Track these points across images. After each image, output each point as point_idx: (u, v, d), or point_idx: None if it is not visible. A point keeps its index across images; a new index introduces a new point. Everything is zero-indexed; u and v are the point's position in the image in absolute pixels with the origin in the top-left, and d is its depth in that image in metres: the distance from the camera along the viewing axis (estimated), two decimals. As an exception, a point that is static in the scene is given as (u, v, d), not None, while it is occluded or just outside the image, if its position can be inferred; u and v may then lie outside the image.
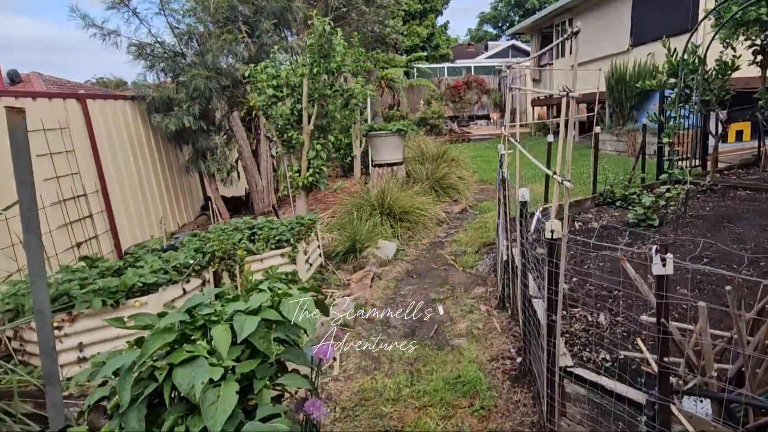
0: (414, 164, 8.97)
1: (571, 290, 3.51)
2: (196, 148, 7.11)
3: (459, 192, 7.66)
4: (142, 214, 6.60)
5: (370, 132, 7.43)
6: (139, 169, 6.63)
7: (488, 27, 48.53)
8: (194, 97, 6.75)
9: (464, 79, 27.63)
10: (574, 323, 3.04)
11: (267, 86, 5.74)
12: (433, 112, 21.48)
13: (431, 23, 29.10)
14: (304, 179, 6.09)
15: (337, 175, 11.62)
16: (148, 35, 6.64)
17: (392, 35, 16.18)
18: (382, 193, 6.24)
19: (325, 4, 11.61)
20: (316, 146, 6.12)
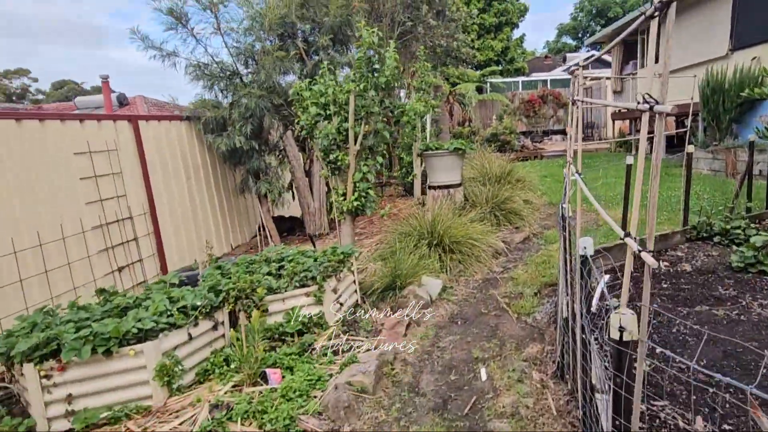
0: (474, 185, 8.35)
1: (653, 371, 2.79)
2: (247, 168, 6.97)
3: (522, 218, 6.95)
4: (193, 236, 6.52)
5: (425, 151, 6.94)
6: (191, 189, 6.58)
7: (567, 39, 46.54)
8: (246, 117, 6.62)
9: (539, 93, 26.42)
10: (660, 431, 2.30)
11: (311, 104, 5.44)
12: (505, 128, 20.61)
13: (506, 37, 28.22)
14: (349, 204, 5.70)
15: (398, 194, 11.23)
16: (205, 55, 6.61)
17: (463, 49, 15.64)
18: (432, 220, 5.72)
19: (391, 20, 11.35)
20: (362, 168, 5.73)
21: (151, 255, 5.70)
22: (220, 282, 3.52)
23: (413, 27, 11.56)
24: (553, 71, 30.69)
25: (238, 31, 6.72)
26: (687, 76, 9.57)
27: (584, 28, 43.76)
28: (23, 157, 4.17)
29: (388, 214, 6.39)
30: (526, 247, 6.30)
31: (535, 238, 6.70)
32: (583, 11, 42.28)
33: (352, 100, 5.51)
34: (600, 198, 8.59)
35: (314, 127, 5.55)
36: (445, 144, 6.86)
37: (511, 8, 28.11)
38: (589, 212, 7.92)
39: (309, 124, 5.50)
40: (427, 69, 10.30)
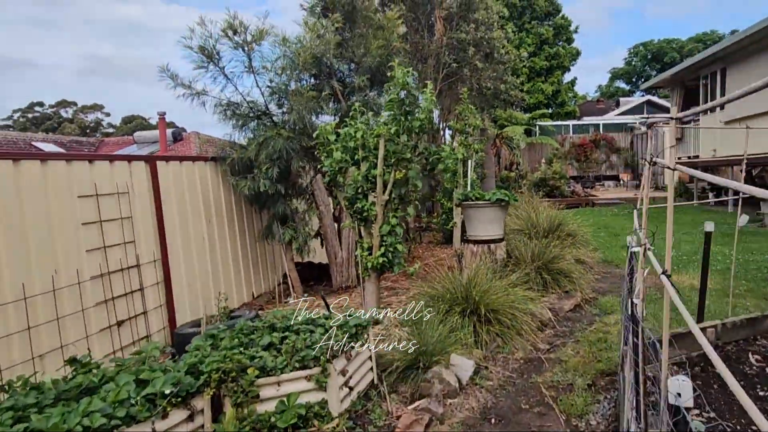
0: (519, 238, 7.59)
1: None
2: (272, 213, 6.54)
3: (573, 281, 6.12)
4: (210, 284, 6.08)
5: (463, 202, 6.30)
6: (211, 234, 6.19)
7: (620, 83, 45.36)
8: (273, 159, 6.24)
9: (591, 137, 25.41)
10: None
11: (336, 149, 4.97)
12: (554, 173, 19.72)
13: (557, 80, 27.60)
14: (375, 260, 5.11)
15: (437, 241, 10.56)
16: (235, 93, 6.33)
17: (512, 92, 15.10)
18: (468, 283, 5.02)
19: (436, 61, 10.99)
20: (390, 220, 5.16)
21: (158, 306, 5.27)
22: (204, 359, 2.96)
23: (459, 69, 11.14)
24: (606, 115, 29.65)
25: (272, 70, 6.43)
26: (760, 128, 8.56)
27: (638, 72, 42.55)
28: (16, 202, 3.85)
29: (417, 272, 5.73)
30: (577, 317, 5.46)
31: (587, 305, 5.85)
32: (637, 56, 41.18)
33: (382, 145, 5.00)
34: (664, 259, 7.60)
35: (339, 173, 5.05)
36: (486, 194, 6.21)
37: (563, 52, 27.57)
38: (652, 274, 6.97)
39: (333, 169, 5.01)
40: (472, 111, 9.80)
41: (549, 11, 27.75)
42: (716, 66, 13.66)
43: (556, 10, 28.10)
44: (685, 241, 8.81)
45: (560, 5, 28.20)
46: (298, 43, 6.62)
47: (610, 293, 6.27)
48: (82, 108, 62.56)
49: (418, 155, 5.34)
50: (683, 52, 36.12)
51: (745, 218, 4.59)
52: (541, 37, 27.03)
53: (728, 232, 9.27)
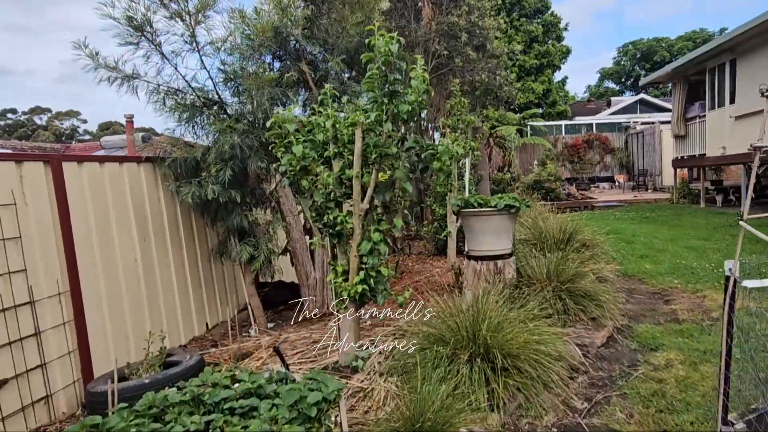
0: (527, 251, 6.41)
1: None
2: (227, 226, 5.28)
3: (600, 304, 4.93)
4: (145, 319, 4.80)
5: (464, 209, 5.10)
6: (148, 256, 4.91)
7: (609, 83, 44.74)
8: (225, 159, 4.99)
9: (585, 138, 24.47)
10: None
11: (297, 141, 3.73)
12: (549, 174, 18.65)
13: (548, 79, 26.67)
14: (352, 288, 3.88)
15: (429, 252, 9.36)
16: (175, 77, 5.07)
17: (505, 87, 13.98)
18: (475, 317, 3.81)
19: (425, 50, 9.82)
20: (372, 235, 3.93)
21: (66, 354, 3.97)
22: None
23: (449, 59, 9.98)
24: (598, 115, 28.80)
25: (223, 49, 5.18)
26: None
27: (627, 72, 41.93)
28: None
29: (407, 300, 4.50)
30: (614, 354, 4.27)
31: (621, 336, 4.67)
32: (626, 55, 40.56)
33: (359, 137, 3.78)
34: (693, 271, 6.48)
35: (301, 174, 3.82)
36: (491, 199, 5.01)
37: (553, 50, 26.68)
38: (686, 291, 5.85)
39: (293, 169, 3.77)
40: (465, 105, 8.63)
41: (538, 8, 26.87)
42: (724, 57, 12.69)
43: (545, 7, 27.23)
44: (709, 249, 7.71)
45: (549, 2, 27.33)
46: (256, 17, 5.39)
47: (644, 318, 5.11)
48: (56, 115, 60.46)
49: (407, 150, 4.13)
50: (673, 51, 35.55)
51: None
52: (531, 34, 26.10)
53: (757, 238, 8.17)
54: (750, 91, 11.60)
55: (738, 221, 2.65)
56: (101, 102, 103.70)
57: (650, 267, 6.89)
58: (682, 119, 15.13)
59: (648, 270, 6.76)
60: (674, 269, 6.67)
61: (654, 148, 20.60)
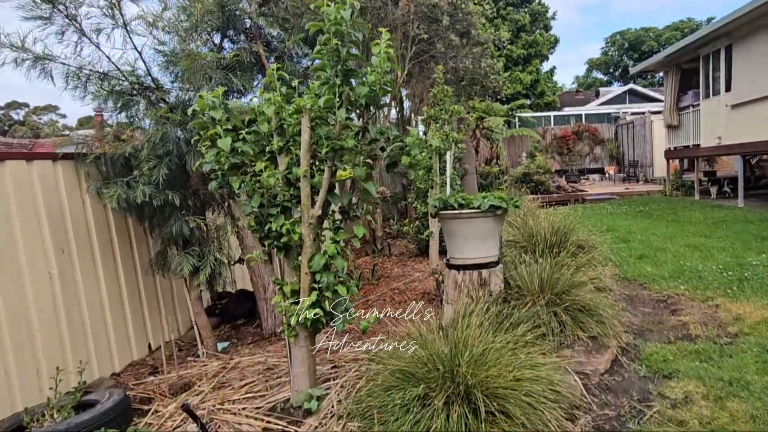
0: (515, 254, 5.72)
1: None
2: (164, 234, 4.50)
3: (602, 320, 4.24)
4: (66, 347, 4.03)
5: (442, 211, 4.36)
6: (68, 271, 4.14)
7: (597, 73, 44.25)
8: (160, 155, 4.21)
9: (573, 129, 23.85)
10: None
11: (223, 131, 2.96)
12: (538, 167, 18.02)
13: (535, 69, 26.01)
14: (302, 312, 3.14)
15: (410, 253, 8.64)
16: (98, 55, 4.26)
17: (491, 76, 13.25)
18: (454, 348, 3.09)
19: (403, 34, 9.04)
20: (327, 247, 3.19)
21: (-55, 400, 3.19)
22: None
23: (430, 44, 9.22)
24: (587, 106, 28.23)
25: (159, 25, 4.38)
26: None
27: (615, 63, 41.45)
28: None
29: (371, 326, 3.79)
30: (621, 385, 3.58)
31: (626, 357, 3.99)
32: (614, 45, 40.04)
33: (306, 126, 3.03)
34: (700, 275, 5.83)
35: (231, 173, 3.06)
36: (474, 199, 4.28)
37: (541, 40, 26.02)
38: (694, 299, 5.19)
39: (220, 167, 3.01)
40: (448, 94, 7.89)
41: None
42: (720, 43, 12.07)
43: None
44: (713, 247, 7.08)
45: (536, -10, 26.66)
46: (199, -13, 4.59)
47: (651, 334, 4.43)
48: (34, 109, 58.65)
49: (370, 143, 3.38)
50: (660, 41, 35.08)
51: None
52: (518, 24, 25.40)
53: (764, 234, 7.58)
54: (747, 78, 11.00)
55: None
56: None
57: (651, 270, 6.23)
58: (674, 108, 14.53)
59: (649, 273, 6.10)
60: (678, 272, 6.01)
61: (644, 138, 20.06)
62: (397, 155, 3.47)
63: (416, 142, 3.31)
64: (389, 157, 3.39)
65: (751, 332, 4.15)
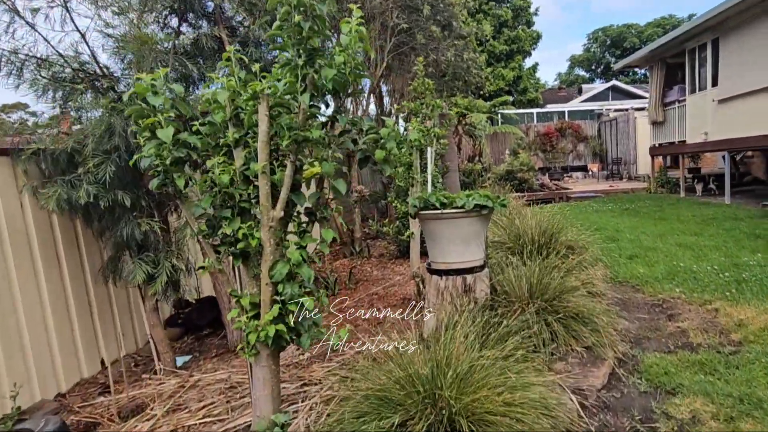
0: (502, 255, 5.39)
1: None
2: (114, 238, 4.03)
3: (596, 328, 3.90)
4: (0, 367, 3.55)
5: (422, 211, 3.98)
6: (4, 280, 3.64)
7: (580, 70, 44.36)
8: (108, 150, 3.75)
9: (557, 126, 23.70)
10: None
11: (166, 120, 2.53)
12: (522, 164, 17.78)
13: (518, 65, 25.80)
14: (263, 328, 2.74)
15: (390, 254, 8.26)
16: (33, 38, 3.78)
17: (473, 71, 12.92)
18: (434, 367, 2.71)
19: (382, 24, 8.64)
20: (291, 253, 2.78)
21: None
22: None
23: (410, 35, 8.83)
24: (570, 102, 28.15)
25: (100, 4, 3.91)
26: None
27: (598, 59, 41.57)
28: None
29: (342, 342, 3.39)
30: (620, 401, 3.23)
31: (624, 370, 3.65)
32: (596, 41, 40.14)
33: (264, 114, 2.62)
34: (695, 276, 5.55)
35: (176, 169, 2.63)
36: (458, 197, 3.90)
37: (523, 35, 25.82)
38: (691, 302, 4.89)
39: (161, 163, 2.57)
40: (429, 87, 7.52)
41: (508, -9, 25.95)
42: (705, 37, 11.91)
43: (515, -9, 26.33)
44: (709, 247, 6.83)
45: (519, -15, 26.44)
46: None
47: (649, 342, 4.11)
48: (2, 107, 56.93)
49: (340, 135, 2.98)
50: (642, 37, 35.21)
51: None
52: (500, 19, 25.16)
53: (756, 232, 7.36)
54: (735, 72, 10.84)
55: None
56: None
57: (644, 271, 5.94)
58: (660, 104, 14.38)
59: (642, 275, 5.81)
60: (672, 273, 5.72)
61: (628, 135, 19.97)
62: (370, 149, 3.07)
63: (392, 134, 2.92)
64: (362, 151, 2.99)
65: (756, 340, 3.85)
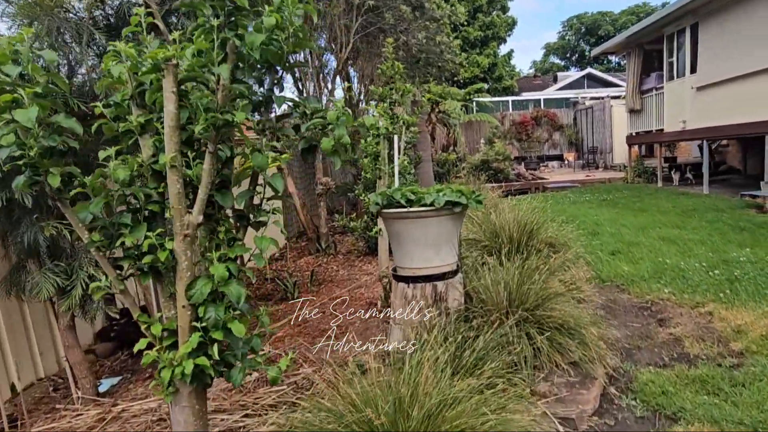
0: (478, 254, 4.90)
1: None
2: (16, 245, 3.36)
3: (582, 339, 3.43)
4: None
5: (385, 209, 3.42)
6: None
7: (555, 58, 44.25)
8: None
9: (532, 114, 23.39)
10: None
11: (32, 97, 1.90)
12: (497, 153, 17.38)
13: (493, 52, 25.36)
14: (179, 362, 2.16)
15: (359, 251, 7.71)
16: None
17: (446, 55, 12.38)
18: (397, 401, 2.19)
19: (347, 3, 7.99)
20: (215, 267, 2.19)
21: None
22: None
23: (378, 15, 8.22)
24: (545, 90, 27.90)
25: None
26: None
27: (573, 47, 41.49)
28: None
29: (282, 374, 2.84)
30: (615, 431, 2.77)
31: (616, 389, 3.19)
32: (571, 29, 40.00)
33: (170, 91, 2.01)
34: (683, 274, 5.16)
35: (49, 163, 2.01)
36: (427, 193, 3.35)
37: (498, 21, 25.37)
38: (682, 305, 4.48)
39: (23, 155, 1.95)
40: (399, 71, 6.96)
41: (482, -24, 25.40)
42: (685, 21, 11.59)
43: (490, -24, 25.80)
44: (693, 241, 6.47)
45: (494, -29, 25.92)
46: None
47: (641, 353, 3.67)
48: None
49: (278, 120, 2.40)
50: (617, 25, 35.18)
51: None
52: (474, 3, 24.61)
53: (740, 225, 7.04)
54: (714, 58, 10.55)
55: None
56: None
57: (628, 269, 5.53)
58: (637, 92, 14.10)
59: (626, 273, 5.39)
60: (659, 271, 5.33)
61: (604, 123, 19.77)
62: (315, 136, 2.49)
63: (342, 120, 2.34)
64: (306, 140, 2.41)
65: (759, 350, 3.43)
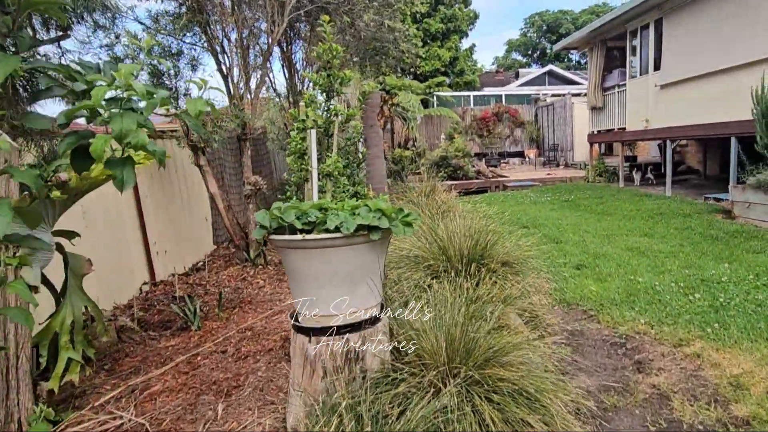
0: (419, 277, 3.99)
1: None
2: None
3: (547, 410, 2.55)
4: None
5: (276, 232, 2.43)
6: None
7: (517, 55, 44.08)
8: None
9: (494, 110, 22.81)
10: None
11: None
12: (457, 150, 16.62)
13: (454, 45, 24.62)
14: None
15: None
16: None
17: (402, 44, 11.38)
18: None
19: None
20: None
21: None
22: None
23: (321, -9, 7.17)
24: (507, 86, 27.43)
25: None
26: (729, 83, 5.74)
27: (534, 45, 41.35)
28: None
29: None
30: None
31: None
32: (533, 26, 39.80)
33: None
34: (659, 297, 4.40)
35: None
36: (330, 214, 2.37)
37: (460, 14, 24.62)
38: (662, 341, 3.69)
39: None
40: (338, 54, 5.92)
41: (444, -34, 24.58)
42: (649, 17, 11.04)
43: (452, -34, 25.01)
44: (665, 253, 5.77)
45: (456, -38, 25.15)
46: None
47: (619, 416, 2.83)
48: None
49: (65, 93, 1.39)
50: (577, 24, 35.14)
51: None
52: (437, -5, 23.80)
53: (711, 233, 6.41)
54: (679, 55, 10.02)
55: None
56: None
57: (596, 289, 4.74)
58: (599, 89, 13.57)
59: (594, 295, 4.60)
60: (631, 293, 4.55)
61: (565, 121, 19.33)
62: (125, 132, 1.47)
63: (140, 104, 1.33)
64: (76, 136, 1.39)
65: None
